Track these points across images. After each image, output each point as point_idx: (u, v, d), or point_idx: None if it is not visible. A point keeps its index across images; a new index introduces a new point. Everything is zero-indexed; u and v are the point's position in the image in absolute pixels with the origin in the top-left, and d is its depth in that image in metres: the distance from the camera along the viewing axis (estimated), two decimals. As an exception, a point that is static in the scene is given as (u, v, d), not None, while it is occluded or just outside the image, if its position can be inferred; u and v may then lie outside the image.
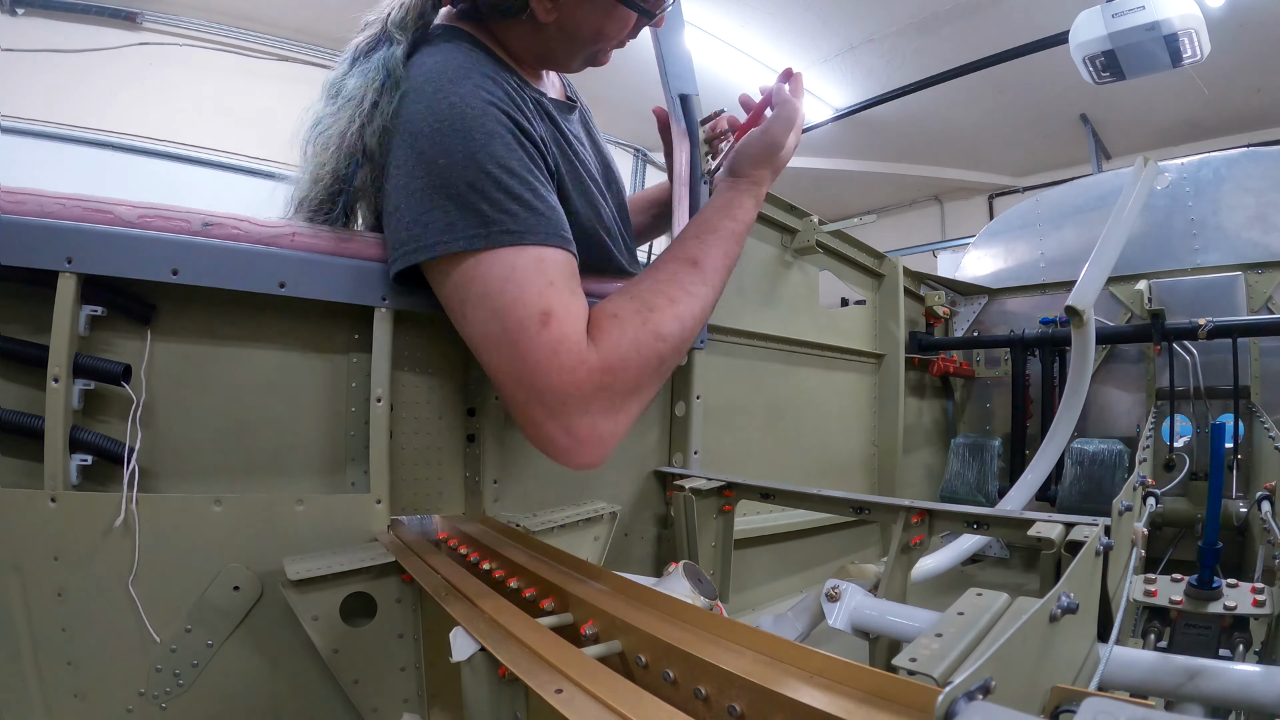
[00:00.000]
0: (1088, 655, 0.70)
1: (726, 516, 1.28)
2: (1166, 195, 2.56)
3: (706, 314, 0.99)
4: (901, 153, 6.49)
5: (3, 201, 0.80)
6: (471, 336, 0.89)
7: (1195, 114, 5.27)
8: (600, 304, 0.91)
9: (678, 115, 1.40)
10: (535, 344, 0.82)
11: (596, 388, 0.84)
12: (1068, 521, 0.83)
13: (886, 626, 0.83)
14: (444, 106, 0.88)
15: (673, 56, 1.40)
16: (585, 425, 0.85)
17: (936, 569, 1.64)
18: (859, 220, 2.13)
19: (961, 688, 0.38)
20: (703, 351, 1.44)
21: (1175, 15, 2.05)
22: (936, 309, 2.77)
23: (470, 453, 1.12)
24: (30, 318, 0.83)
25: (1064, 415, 1.99)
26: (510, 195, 0.86)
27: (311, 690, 0.93)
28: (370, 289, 0.98)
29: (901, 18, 4.57)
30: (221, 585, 0.88)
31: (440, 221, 0.85)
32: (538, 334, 0.82)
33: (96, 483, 0.85)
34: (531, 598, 0.72)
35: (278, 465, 0.97)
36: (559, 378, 0.82)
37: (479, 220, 0.85)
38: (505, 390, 0.88)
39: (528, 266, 0.85)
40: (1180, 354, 2.28)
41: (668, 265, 0.99)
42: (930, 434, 2.82)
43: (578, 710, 0.47)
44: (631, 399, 0.89)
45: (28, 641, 0.81)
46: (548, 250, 0.87)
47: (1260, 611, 0.94)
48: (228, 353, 0.95)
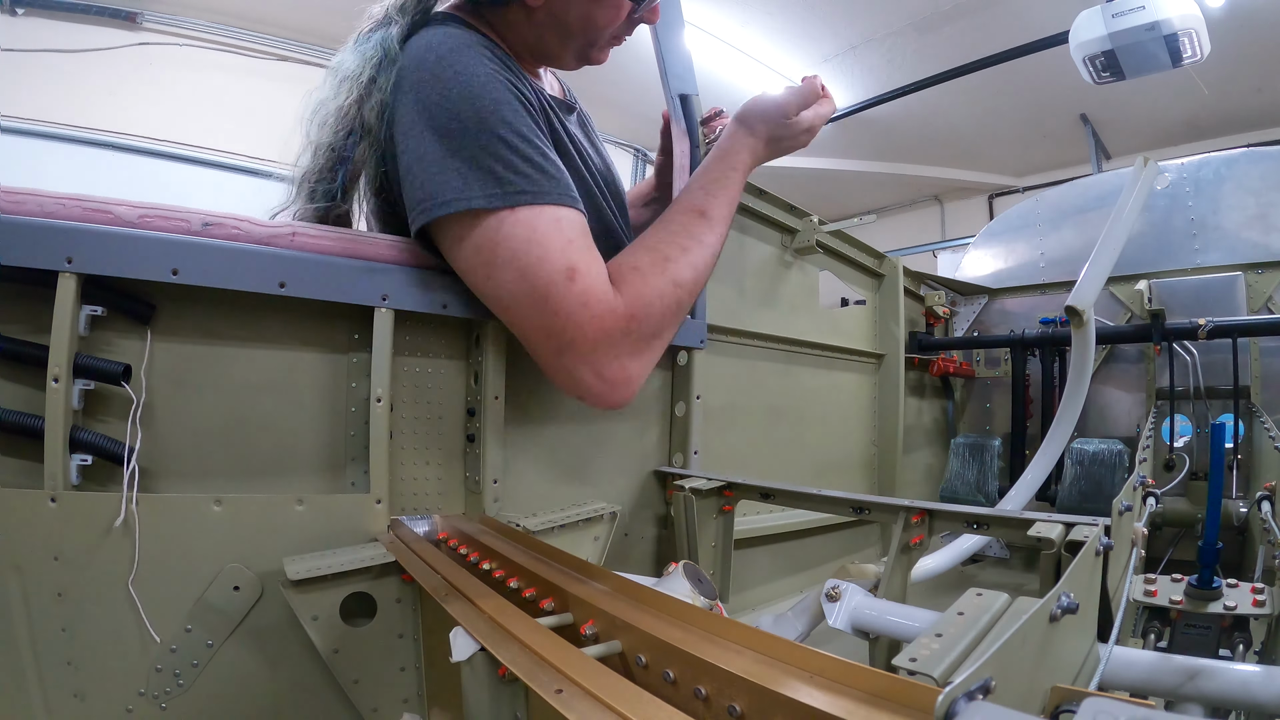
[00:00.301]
0: (1088, 655, 0.70)
1: (726, 516, 1.28)
2: (1166, 195, 2.56)
3: (716, 257, 1.06)
4: (901, 153, 6.49)
5: (3, 201, 0.80)
6: (499, 298, 0.93)
7: (1195, 114, 5.26)
8: (619, 257, 0.97)
9: (678, 115, 1.40)
10: (566, 298, 0.88)
11: (624, 333, 0.92)
12: (1068, 521, 0.83)
13: (886, 626, 0.83)
14: (449, 74, 0.90)
15: (673, 56, 1.40)
16: (616, 368, 0.93)
17: (936, 569, 1.64)
18: (859, 220, 2.12)
19: (961, 688, 0.38)
20: (703, 351, 1.44)
21: (1175, 15, 2.05)
22: (936, 309, 2.76)
23: (470, 453, 1.12)
24: (30, 318, 0.83)
25: (1064, 415, 1.99)
26: (522, 157, 0.90)
27: (311, 690, 0.93)
28: (370, 289, 0.98)
29: (901, 18, 4.57)
30: (221, 585, 0.88)
31: (456, 182, 0.88)
32: (566, 289, 0.88)
33: (96, 483, 0.85)
34: (531, 598, 0.72)
35: (278, 465, 0.97)
36: (591, 327, 0.89)
37: (494, 180, 0.88)
38: (537, 345, 0.94)
39: (547, 226, 0.89)
40: (1180, 354, 2.28)
41: (678, 217, 1.04)
42: (930, 434, 2.81)
43: (578, 710, 0.47)
44: (655, 341, 0.98)
45: (28, 641, 0.81)
46: (562, 210, 0.91)
47: (1260, 611, 0.94)
48: (228, 353, 0.95)
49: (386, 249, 1.00)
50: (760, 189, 1.82)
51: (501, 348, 1.10)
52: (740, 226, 1.79)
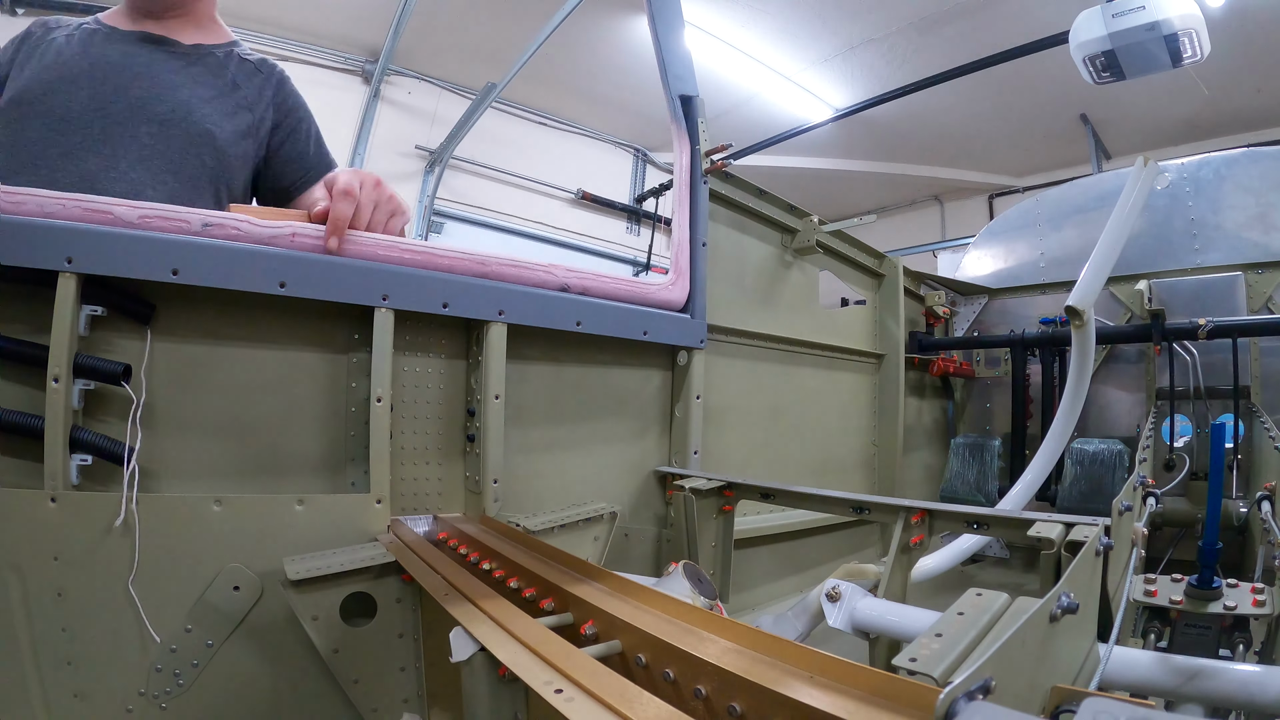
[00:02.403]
0: (1088, 655, 0.70)
1: (726, 516, 1.28)
2: (1166, 195, 2.56)
3: None
4: (901, 153, 6.49)
5: (3, 201, 0.80)
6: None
7: (1195, 114, 5.26)
8: None
9: (678, 115, 1.40)
10: None
11: None
12: (1068, 521, 0.83)
13: (886, 626, 0.83)
14: None
15: (673, 57, 1.41)
16: None
17: (936, 569, 1.63)
18: (859, 220, 2.12)
19: (962, 688, 0.38)
20: (703, 351, 1.44)
21: (1175, 15, 2.05)
22: (936, 309, 2.76)
23: (470, 453, 1.12)
24: (30, 318, 0.83)
25: (1064, 415, 1.99)
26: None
27: (311, 690, 0.93)
28: (370, 289, 0.98)
29: (901, 18, 4.57)
30: (221, 585, 0.88)
31: None
32: None
33: (96, 483, 0.85)
34: (531, 598, 0.72)
35: (278, 465, 0.97)
36: None
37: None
38: None
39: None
40: (1180, 354, 2.28)
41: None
42: (930, 434, 2.81)
43: (578, 710, 0.47)
44: None
45: (28, 641, 0.81)
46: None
47: (1260, 611, 0.93)
48: (228, 353, 0.95)
49: (385, 249, 1.00)
50: (760, 189, 1.82)
51: (501, 348, 1.10)
52: (740, 226, 1.79)
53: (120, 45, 1.13)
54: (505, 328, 1.10)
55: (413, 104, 5.00)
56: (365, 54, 4.76)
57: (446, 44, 4.74)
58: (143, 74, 1.10)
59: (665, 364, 1.45)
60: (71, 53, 1.11)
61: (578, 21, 3.91)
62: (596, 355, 1.32)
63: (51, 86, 1.07)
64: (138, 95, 1.08)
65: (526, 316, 1.13)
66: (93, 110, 1.05)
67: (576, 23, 3.91)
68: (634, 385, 1.40)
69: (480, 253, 1.10)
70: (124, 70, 1.10)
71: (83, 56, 1.10)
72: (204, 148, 1.11)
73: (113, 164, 1.03)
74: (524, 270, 1.14)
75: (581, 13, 3.80)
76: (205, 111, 1.13)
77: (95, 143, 1.04)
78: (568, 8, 3.71)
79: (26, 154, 1.02)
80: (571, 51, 4.59)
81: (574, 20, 3.84)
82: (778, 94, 5.18)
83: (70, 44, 1.12)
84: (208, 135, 1.12)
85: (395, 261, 1.00)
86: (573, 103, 5.55)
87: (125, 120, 1.06)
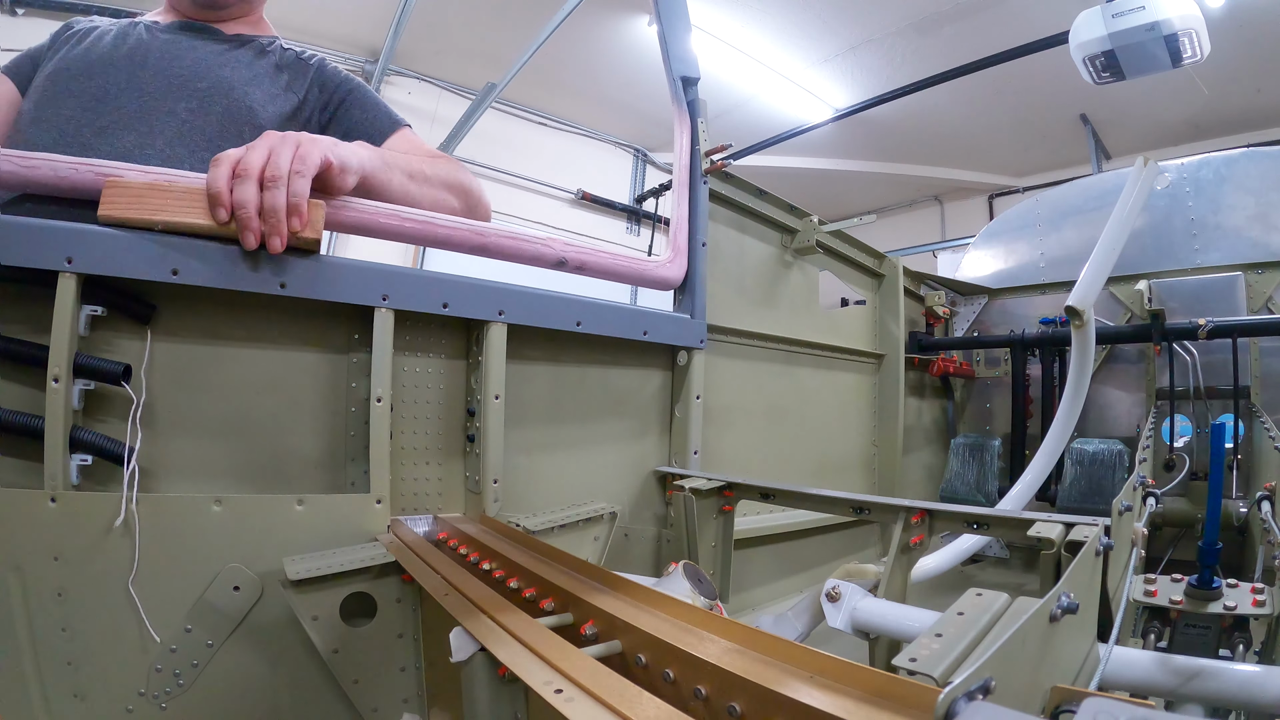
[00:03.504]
0: (1088, 655, 0.70)
1: (726, 516, 1.28)
2: (1166, 195, 2.56)
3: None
4: (901, 153, 6.49)
5: (17, 166, 0.80)
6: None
7: (1195, 114, 5.26)
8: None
9: (679, 96, 1.39)
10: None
11: None
12: (1068, 521, 0.83)
13: (886, 626, 0.83)
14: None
15: (675, 38, 1.40)
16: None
17: (936, 569, 1.63)
18: (859, 220, 2.12)
19: (962, 688, 0.38)
20: (703, 351, 1.44)
21: (1175, 15, 2.05)
22: (936, 309, 2.77)
23: (470, 453, 1.12)
24: (30, 318, 0.83)
25: (1064, 415, 1.99)
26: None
27: (311, 690, 0.93)
28: (370, 289, 0.98)
29: (901, 18, 4.57)
30: (221, 585, 0.88)
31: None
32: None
33: (96, 483, 0.85)
34: (531, 598, 0.72)
35: (278, 465, 0.97)
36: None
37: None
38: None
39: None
40: (1180, 354, 2.28)
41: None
42: (930, 434, 2.81)
43: (578, 710, 0.47)
44: None
45: (28, 641, 0.81)
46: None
47: (1260, 611, 0.93)
48: (228, 353, 0.95)
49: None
50: (760, 189, 1.82)
51: (501, 348, 1.10)
52: (740, 226, 1.79)
53: (162, 34, 1.15)
54: (505, 328, 1.10)
55: (413, 104, 5.00)
56: (365, 54, 4.77)
57: (447, 44, 4.74)
58: (183, 55, 1.11)
59: (665, 364, 1.45)
60: (110, 42, 1.12)
61: (578, 22, 3.91)
62: (596, 355, 1.32)
63: (90, 68, 1.07)
64: (177, 73, 1.08)
65: (527, 316, 1.13)
66: (130, 90, 1.05)
67: (576, 23, 3.92)
68: (634, 385, 1.40)
69: (478, 224, 1.10)
70: (164, 54, 1.10)
71: (121, 44, 1.11)
72: (244, 124, 1.09)
73: (149, 140, 1.03)
74: (522, 243, 1.13)
75: (581, 13, 3.80)
76: (247, 90, 1.12)
77: (131, 119, 1.03)
78: (568, 8, 3.71)
79: (60, 130, 1.02)
80: (571, 52, 4.59)
81: (574, 21, 3.84)
82: (778, 94, 5.19)
83: (108, 36, 1.14)
84: (249, 112, 1.11)
85: (394, 231, 1.00)
86: (573, 103, 5.55)
87: (163, 96, 1.06)
